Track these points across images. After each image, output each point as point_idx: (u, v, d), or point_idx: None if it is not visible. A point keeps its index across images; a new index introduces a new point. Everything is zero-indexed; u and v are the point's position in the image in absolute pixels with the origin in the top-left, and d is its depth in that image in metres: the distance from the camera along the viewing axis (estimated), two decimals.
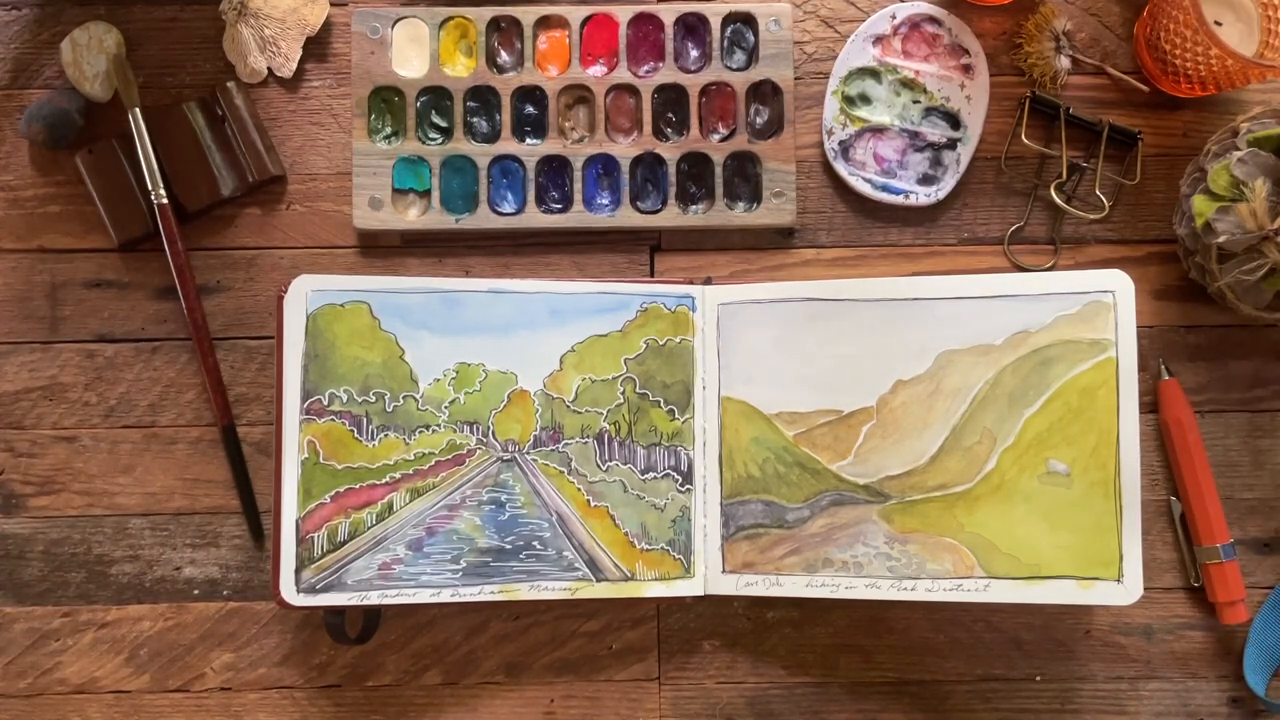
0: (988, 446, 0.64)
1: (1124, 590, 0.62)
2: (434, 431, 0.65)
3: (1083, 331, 0.63)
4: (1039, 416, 0.63)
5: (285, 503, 0.63)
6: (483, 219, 0.69)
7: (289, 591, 0.63)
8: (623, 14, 0.70)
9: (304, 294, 0.64)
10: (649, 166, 0.70)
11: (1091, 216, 0.69)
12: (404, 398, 0.65)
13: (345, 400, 0.64)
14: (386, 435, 0.64)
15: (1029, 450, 0.63)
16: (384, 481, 0.64)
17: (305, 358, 0.64)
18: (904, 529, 0.64)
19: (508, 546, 0.65)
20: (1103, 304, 0.63)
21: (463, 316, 0.65)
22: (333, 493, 0.64)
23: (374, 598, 0.63)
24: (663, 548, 0.66)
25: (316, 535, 0.63)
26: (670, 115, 0.70)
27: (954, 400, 0.64)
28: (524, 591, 0.64)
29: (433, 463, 0.65)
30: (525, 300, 0.66)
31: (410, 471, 0.65)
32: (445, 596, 0.64)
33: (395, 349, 0.65)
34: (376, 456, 0.64)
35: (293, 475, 0.63)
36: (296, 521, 0.63)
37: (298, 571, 0.63)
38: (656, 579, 0.65)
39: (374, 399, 0.65)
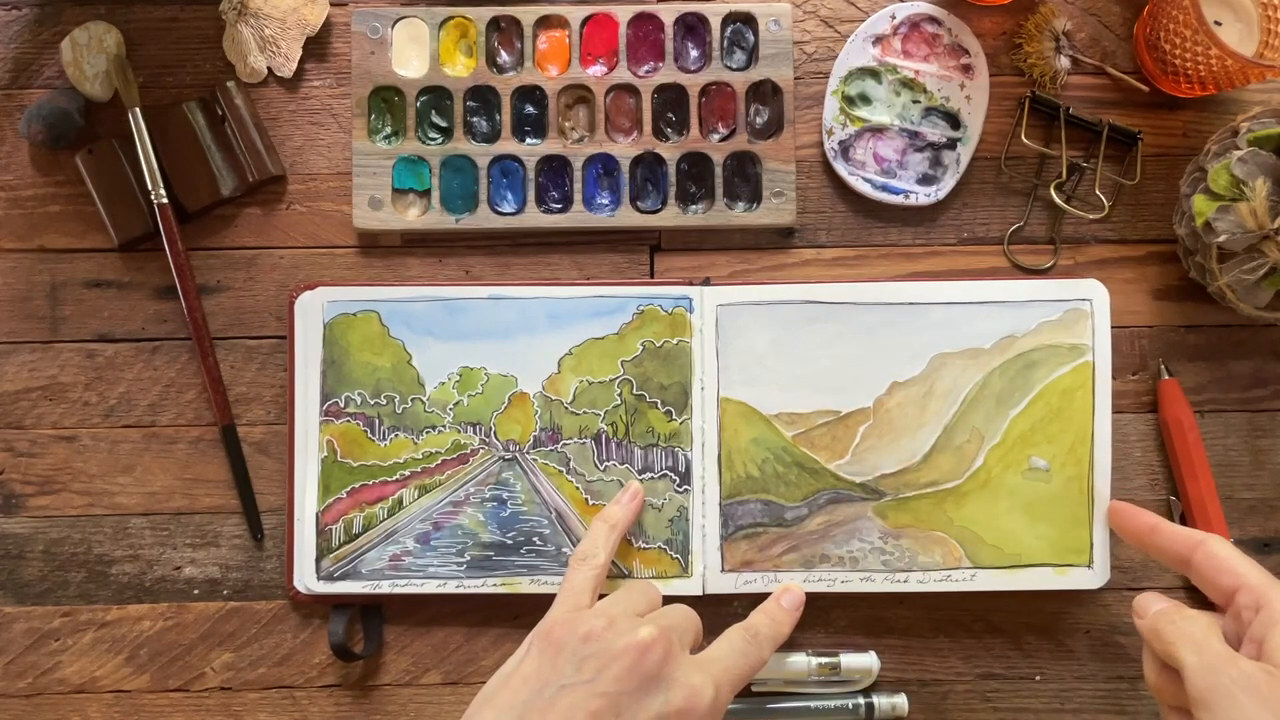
0: (976, 445, 0.66)
1: (1093, 574, 0.66)
2: (440, 432, 0.67)
3: (1063, 336, 0.66)
4: (1023, 417, 0.67)
5: (306, 498, 0.66)
6: (483, 219, 0.69)
7: (310, 579, 0.66)
8: (623, 14, 0.70)
9: (321, 304, 0.67)
10: (649, 166, 0.69)
11: (1091, 216, 0.69)
12: (412, 400, 0.67)
13: (360, 403, 0.67)
14: (397, 435, 0.67)
15: (1014, 448, 0.66)
16: (395, 478, 0.67)
17: (324, 364, 0.67)
18: (897, 524, 0.66)
19: (509, 542, 0.66)
20: (1081, 311, 0.67)
21: (465, 323, 0.67)
22: (349, 488, 0.66)
23: (385, 586, 0.66)
24: (660, 547, 0.66)
25: (335, 527, 0.66)
26: (670, 115, 0.70)
27: (946, 401, 0.67)
28: (525, 584, 0.66)
29: (439, 461, 0.67)
30: (524, 305, 0.67)
31: (419, 469, 0.67)
32: (451, 588, 0.66)
33: (403, 354, 0.67)
34: (388, 455, 0.67)
35: (313, 472, 0.66)
36: (317, 514, 0.66)
37: (318, 560, 0.66)
38: (654, 577, 0.66)
39: (385, 401, 0.67)
